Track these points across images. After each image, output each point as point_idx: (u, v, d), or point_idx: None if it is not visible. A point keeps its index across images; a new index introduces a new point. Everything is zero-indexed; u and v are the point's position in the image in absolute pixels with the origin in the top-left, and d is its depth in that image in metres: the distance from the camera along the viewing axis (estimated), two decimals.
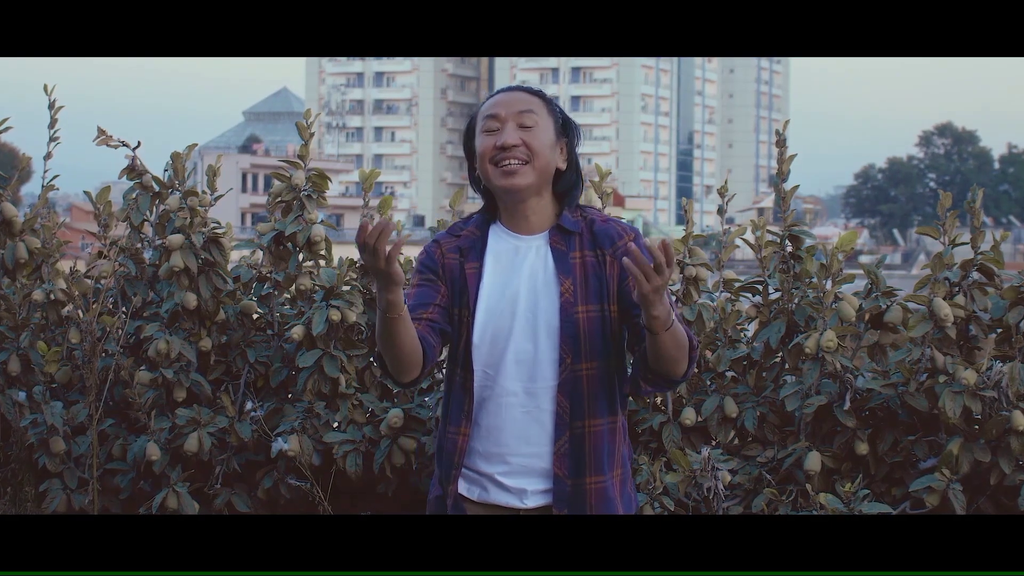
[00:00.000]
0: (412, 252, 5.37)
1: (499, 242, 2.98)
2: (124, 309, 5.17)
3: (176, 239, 4.97)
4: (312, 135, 5.04)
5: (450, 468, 2.98)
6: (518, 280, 2.93)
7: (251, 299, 5.20)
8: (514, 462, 2.93)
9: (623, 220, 3.03)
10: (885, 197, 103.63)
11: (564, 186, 2.99)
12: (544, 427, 2.92)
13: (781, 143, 4.73)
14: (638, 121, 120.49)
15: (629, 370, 2.98)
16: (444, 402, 3.03)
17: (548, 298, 2.90)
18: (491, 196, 3.00)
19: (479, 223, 3.03)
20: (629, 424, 4.70)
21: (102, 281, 5.18)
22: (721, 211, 4.86)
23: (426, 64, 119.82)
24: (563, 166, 2.99)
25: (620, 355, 2.97)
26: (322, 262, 5.07)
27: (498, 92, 3.01)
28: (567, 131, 3.00)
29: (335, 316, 4.76)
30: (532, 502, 2.94)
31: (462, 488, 2.97)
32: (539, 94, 3.00)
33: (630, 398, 3.61)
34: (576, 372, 2.89)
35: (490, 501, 2.96)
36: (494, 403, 2.93)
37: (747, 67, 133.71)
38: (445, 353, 3.09)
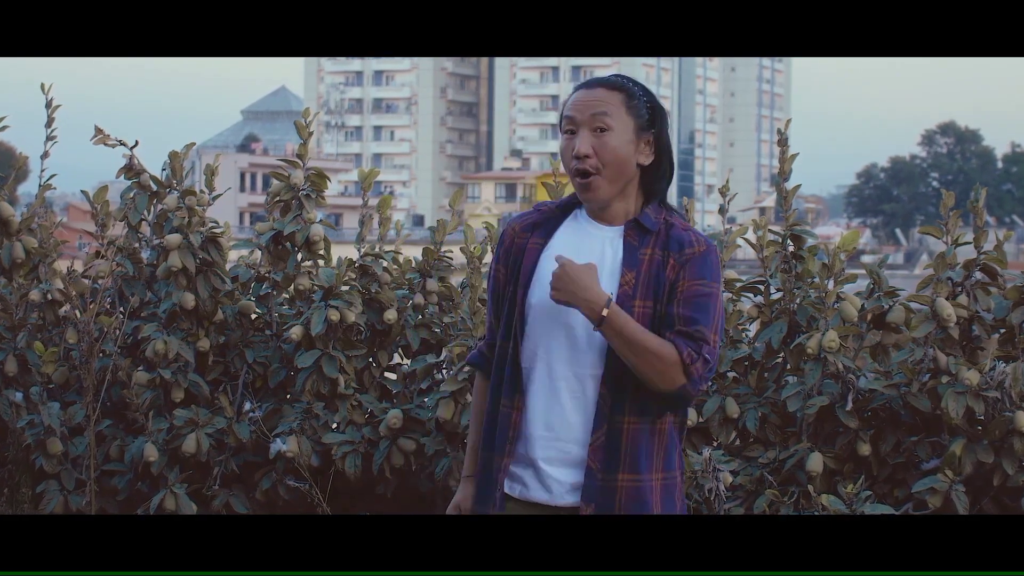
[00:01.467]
0: (412, 252, 5.35)
1: (576, 225, 2.97)
2: (122, 309, 5.14)
3: (174, 239, 4.95)
4: (311, 134, 5.02)
5: (504, 442, 2.94)
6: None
7: (249, 299, 5.18)
8: (557, 447, 2.89)
9: (704, 235, 2.96)
10: (887, 196, 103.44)
11: (651, 179, 2.94)
12: (586, 416, 2.88)
13: (783, 142, 4.71)
14: None
15: None
16: (495, 376, 2.99)
17: (607, 288, 2.85)
18: None
19: (564, 204, 3.01)
20: None
21: (99, 281, 5.15)
22: (722, 210, 4.84)
23: (425, 63, 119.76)
24: (647, 161, 2.92)
25: None
26: (321, 262, 5.04)
27: (582, 86, 2.95)
28: (654, 123, 2.92)
29: (334, 316, 4.74)
30: (565, 499, 2.89)
31: (505, 485, 2.94)
32: (621, 88, 2.91)
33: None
34: (621, 364, 2.84)
35: (530, 499, 2.92)
36: (548, 387, 2.90)
37: (749, 66, 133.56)
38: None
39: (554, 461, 2.90)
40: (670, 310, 2.85)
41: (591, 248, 2.91)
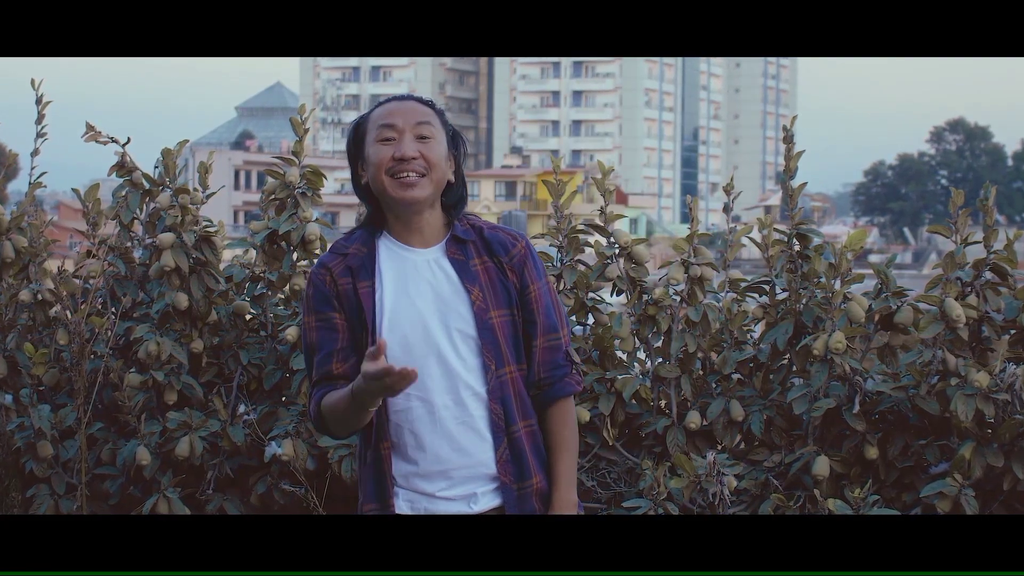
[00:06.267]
0: None
1: (392, 257, 2.99)
2: (113, 310, 5.07)
3: (167, 238, 4.90)
4: (307, 131, 4.99)
5: (383, 483, 2.97)
6: (422, 294, 2.95)
7: (244, 299, 5.12)
8: (456, 475, 2.94)
9: (509, 227, 3.09)
10: (895, 195, 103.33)
11: (452, 198, 3.03)
12: (480, 435, 2.94)
13: (788, 139, 4.66)
14: (641, 117, 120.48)
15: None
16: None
17: (460, 308, 2.94)
18: (377, 207, 3.00)
19: (364, 239, 3.02)
20: (633, 428, 4.65)
21: (91, 281, 5.10)
22: (727, 209, 4.77)
23: (423, 59, 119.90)
24: (452, 179, 3.02)
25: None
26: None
27: (392, 100, 3.03)
28: (456, 144, 3.05)
29: None
30: (481, 505, 2.95)
31: (404, 509, 2.96)
32: (432, 105, 3.03)
33: None
34: (501, 377, 2.94)
35: (438, 512, 2.95)
36: (427, 420, 2.93)
37: (754, 62, 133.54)
38: None
39: (453, 486, 2.94)
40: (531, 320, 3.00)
41: (421, 276, 2.96)
